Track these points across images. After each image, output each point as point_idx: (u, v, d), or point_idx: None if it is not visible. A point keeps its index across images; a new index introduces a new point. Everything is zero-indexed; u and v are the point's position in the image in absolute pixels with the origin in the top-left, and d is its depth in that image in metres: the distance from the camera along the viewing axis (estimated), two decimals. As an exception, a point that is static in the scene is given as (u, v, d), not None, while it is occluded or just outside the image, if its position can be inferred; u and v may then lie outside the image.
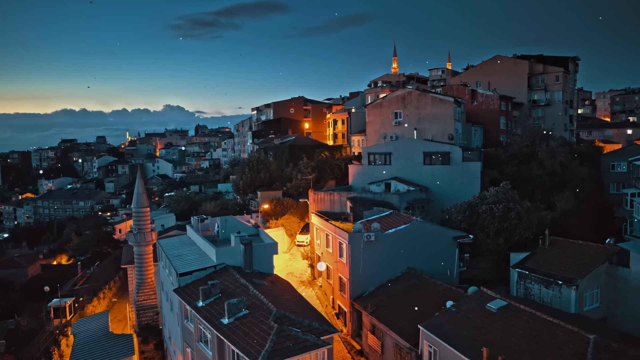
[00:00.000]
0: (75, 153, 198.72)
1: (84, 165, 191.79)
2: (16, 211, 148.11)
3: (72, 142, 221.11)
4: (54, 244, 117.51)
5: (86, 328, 42.01)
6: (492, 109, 64.04)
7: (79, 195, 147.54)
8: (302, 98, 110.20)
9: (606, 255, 29.03)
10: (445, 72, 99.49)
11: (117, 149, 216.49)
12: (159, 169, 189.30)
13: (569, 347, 20.01)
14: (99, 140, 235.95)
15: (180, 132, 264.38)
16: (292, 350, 20.94)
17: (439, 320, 25.27)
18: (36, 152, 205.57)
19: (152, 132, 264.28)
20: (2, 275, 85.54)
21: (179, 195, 77.04)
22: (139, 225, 44.51)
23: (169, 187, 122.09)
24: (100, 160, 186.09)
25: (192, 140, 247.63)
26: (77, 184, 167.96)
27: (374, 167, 49.91)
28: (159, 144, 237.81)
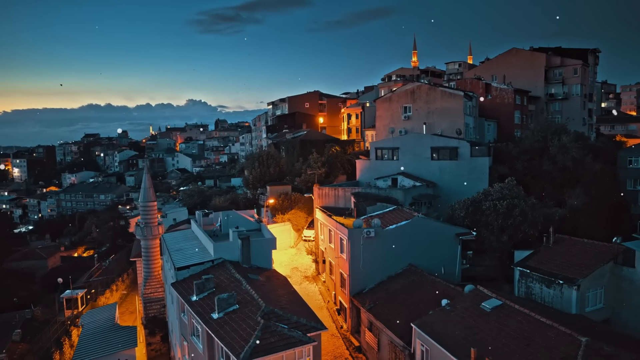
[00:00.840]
0: (98, 147, 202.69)
1: (105, 159, 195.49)
2: (40, 204, 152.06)
3: (95, 137, 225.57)
4: (75, 237, 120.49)
5: (94, 319, 42.81)
6: (506, 102, 62.56)
7: (100, 188, 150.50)
8: (317, 92, 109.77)
9: (611, 255, 28.03)
10: (462, 66, 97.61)
11: (138, 144, 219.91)
12: (178, 163, 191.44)
13: (559, 350, 19.37)
14: (120, 134, 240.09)
15: (201, 126, 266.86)
16: (276, 346, 20.85)
17: (431, 319, 24.82)
18: (60, 147, 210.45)
19: (173, 127, 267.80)
20: (23, 266, 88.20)
21: (191, 189, 77.77)
22: (145, 219, 45.00)
23: (186, 181, 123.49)
24: (121, 155, 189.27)
25: (212, 134, 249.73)
26: (99, 177, 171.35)
27: (381, 162, 49.33)
28: (179, 138, 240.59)
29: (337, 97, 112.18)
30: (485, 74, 73.48)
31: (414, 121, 53.87)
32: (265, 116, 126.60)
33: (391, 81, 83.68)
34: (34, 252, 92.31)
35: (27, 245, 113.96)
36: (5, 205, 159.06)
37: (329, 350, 33.21)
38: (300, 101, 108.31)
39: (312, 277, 44.21)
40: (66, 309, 51.37)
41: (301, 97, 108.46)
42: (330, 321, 37.09)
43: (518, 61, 71.15)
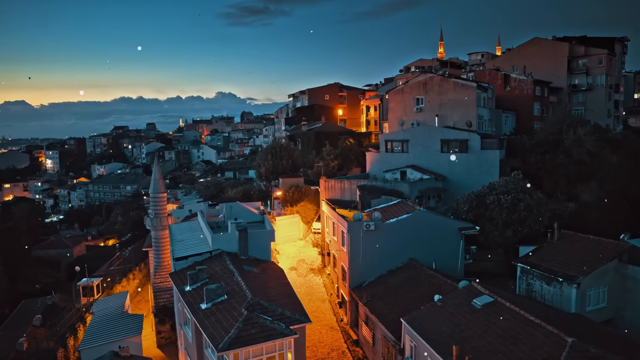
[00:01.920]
0: (126, 139, 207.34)
1: (133, 151, 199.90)
2: (70, 194, 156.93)
3: (124, 129, 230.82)
4: (102, 226, 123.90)
5: (105, 307, 43.92)
6: (525, 94, 60.75)
7: (127, 179, 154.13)
8: (337, 84, 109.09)
9: (616, 252, 26.87)
10: (485, 57, 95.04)
11: (165, 136, 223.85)
12: (203, 155, 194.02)
13: (543, 350, 18.70)
14: (148, 127, 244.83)
15: (226, 119, 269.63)
16: (256, 337, 20.86)
17: (421, 315, 24.37)
18: (90, 139, 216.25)
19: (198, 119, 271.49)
20: (50, 254, 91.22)
21: (208, 181, 78.70)
22: (155, 210, 45.69)
23: (208, 172, 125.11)
24: (148, 147, 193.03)
25: (237, 127, 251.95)
26: (126, 169, 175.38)
27: (391, 154, 48.69)
28: (205, 130, 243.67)
29: (357, 89, 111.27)
30: (506, 64, 71.48)
31: (426, 113, 52.86)
32: (286, 108, 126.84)
33: (409, 72, 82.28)
34: (60, 241, 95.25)
35: (58, 234, 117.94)
36: (38, 195, 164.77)
37: (326, 342, 33.17)
38: (320, 93, 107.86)
39: (318, 270, 44.14)
40: (82, 296, 52.91)
41: (321, 89, 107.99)
42: (331, 314, 37.03)
43: (540, 51, 68.87)
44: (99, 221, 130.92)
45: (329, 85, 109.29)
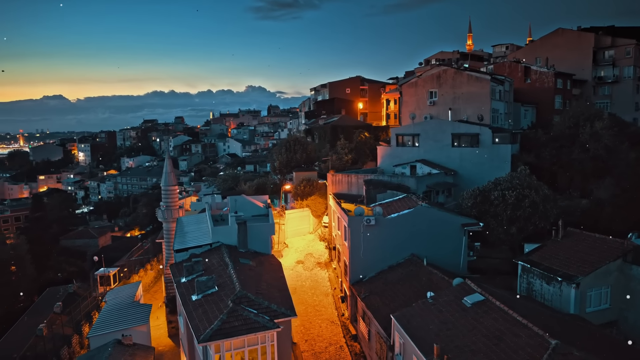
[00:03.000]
0: (154, 133, 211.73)
1: (161, 144, 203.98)
2: (100, 186, 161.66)
3: (153, 123, 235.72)
4: (129, 218, 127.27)
5: (116, 296, 45.14)
6: (546, 87, 58.82)
7: (153, 172, 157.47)
8: (358, 78, 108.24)
9: (621, 252, 25.79)
10: (509, 49, 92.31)
11: (192, 129, 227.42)
12: (229, 148, 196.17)
13: (525, 351, 18.13)
14: (177, 120, 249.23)
15: (253, 112, 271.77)
16: (238, 330, 21.02)
17: (411, 312, 24.04)
18: (120, 132, 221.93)
19: (226, 113, 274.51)
20: (77, 244, 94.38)
21: (227, 174, 79.56)
22: (166, 203, 46.54)
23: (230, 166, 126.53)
24: (175, 140, 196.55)
25: (263, 120, 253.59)
26: (154, 162, 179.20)
27: (401, 148, 48.08)
28: (232, 124, 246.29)
29: (378, 82, 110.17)
30: (529, 56, 69.34)
31: (439, 107, 51.85)
32: (308, 102, 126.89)
33: (429, 65, 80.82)
34: (86, 231, 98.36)
35: (87, 224, 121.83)
36: (70, 187, 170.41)
37: (325, 337, 33.16)
38: (341, 87, 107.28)
39: (325, 264, 44.08)
40: (99, 285, 54.56)
41: (342, 83, 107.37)
42: (333, 308, 36.96)
43: (564, 42, 66.45)
44: (126, 212, 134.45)
45: (350, 78, 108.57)
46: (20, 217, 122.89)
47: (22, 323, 48.90)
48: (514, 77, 60.81)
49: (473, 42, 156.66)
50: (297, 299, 38.22)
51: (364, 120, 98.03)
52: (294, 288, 39.86)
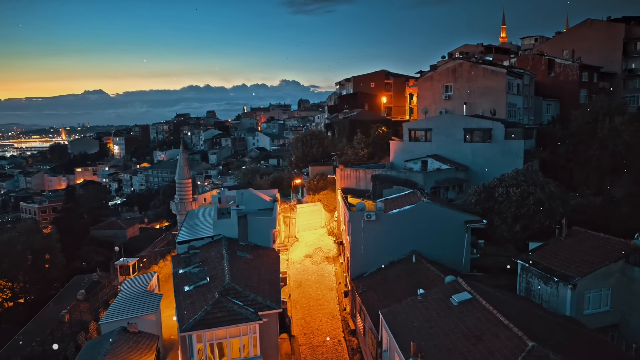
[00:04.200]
0: (186, 126, 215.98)
1: (192, 138, 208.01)
2: (132, 179, 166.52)
3: (185, 117, 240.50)
4: (159, 210, 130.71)
5: (131, 285, 46.57)
6: (570, 80, 56.67)
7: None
8: (383, 72, 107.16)
9: (623, 253, 24.74)
10: (538, 41, 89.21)
11: (223, 123, 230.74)
12: (258, 142, 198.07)
13: (501, 353, 17.71)
14: (208, 114, 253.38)
15: (283, 106, 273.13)
16: (220, 321, 21.41)
17: (398, 309, 23.84)
18: (154, 126, 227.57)
19: (258, 107, 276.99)
20: (106, 235, 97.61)
21: (247, 168, 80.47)
22: (180, 196, 47.70)
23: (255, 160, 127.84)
24: (206, 134, 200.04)
25: (293, 114, 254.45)
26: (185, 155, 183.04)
27: (414, 143, 47.44)
28: (262, 118, 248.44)
29: (403, 76, 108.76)
30: (556, 48, 66.88)
31: (454, 101, 50.82)
32: (334, 96, 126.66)
33: (452, 59, 79.10)
34: (115, 222, 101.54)
35: (119, 215, 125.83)
36: (105, 179, 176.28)
37: (324, 331, 33.31)
38: (365, 81, 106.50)
39: (333, 258, 44.12)
40: (119, 274, 56.43)
41: (366, 77, 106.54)
42: (335, 303, 37.04)
43: (593, 34, 63.75)
44: (156, 204, 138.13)
45: (375, 72, 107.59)
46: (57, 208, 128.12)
47: (47, 309, 51.02)
48: (537, 70, 58.89)
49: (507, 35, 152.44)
50: (302, 292, 38.54)
51: (388, 114, 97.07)
52: (299, 281, 40.20)
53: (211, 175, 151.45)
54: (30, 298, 62.71)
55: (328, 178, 50.75)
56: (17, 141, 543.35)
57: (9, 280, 61.89)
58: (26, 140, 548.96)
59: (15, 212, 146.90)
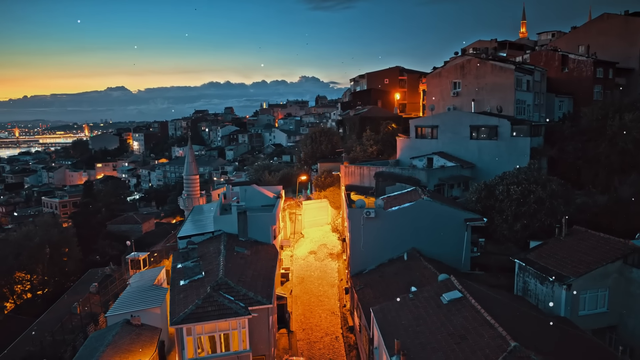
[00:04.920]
0: (204, 123, 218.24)
1: (210, 134, 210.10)
2: (150, 174, 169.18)
3: (203, 113, 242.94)
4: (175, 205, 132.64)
5: (139, 279, 47.48)
6: (584, 76, 55.46)
7: (200, 161, 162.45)
8: (397, 68, 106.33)
9: (621, 253, 24.25)
10: (555, 36, 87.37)
11: (240, 120, 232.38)
12: (274, 139, 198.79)
13: (483, 352, 17.62)
14: (226, 110, 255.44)
15: (300, 103, 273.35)
16: (210, 315, 21.76)
17: (389, 306, 23.85)
18: (172, 122, 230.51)
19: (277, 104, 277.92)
20: (122, 229, 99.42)
21: (259, 164, 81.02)
22: (188, 191, 48.31)
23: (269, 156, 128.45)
24: (223, 130, 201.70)
25: (310, 110, 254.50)
26: (202, 151, 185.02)
27: (420, 140, 47.12)
28: (280, 114, 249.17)
29: (418, 72, 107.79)
30: (572, 44, 65.49)
31: (462, 98, 50.24)
32: (348, 93, 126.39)
33: (465, 55, 77.98)
34: (131, 217, 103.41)
35: (137, 210, 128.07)
36: (124, 174, 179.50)
37: (323, 327, 33.47)
38: (379, 77, 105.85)
39: (337, 255, 44.22)
40: (130, 268, 57.59)
41: (380, 73, 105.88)
42: (336, 299, 37.15)
43: (610, 28, 62.18)
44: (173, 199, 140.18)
45: (389, 68, 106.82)
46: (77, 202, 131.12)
47: (62, 301, 52.38)
48: (550, 66, 57.78)
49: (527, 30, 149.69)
50: (303, 288, 38.75)
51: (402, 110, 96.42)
52: (302, 277, 40.41)
53: (227, 171, 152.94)
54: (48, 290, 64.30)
55: (334, 175, 50.77)
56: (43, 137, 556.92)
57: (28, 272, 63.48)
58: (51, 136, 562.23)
59: (38, 206, 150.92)
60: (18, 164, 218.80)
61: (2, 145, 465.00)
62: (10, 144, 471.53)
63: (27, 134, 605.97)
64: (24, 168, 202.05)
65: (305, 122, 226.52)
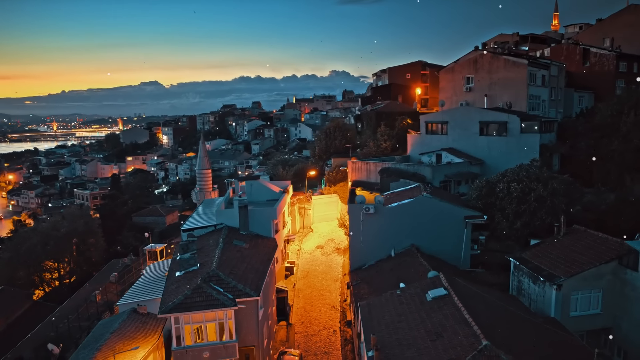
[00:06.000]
0: (231, 117, 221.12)
1: (237, 128, 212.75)
2: (177, 168, 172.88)
3: (231, 107, 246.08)
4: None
5: (152, 270, 49.00)
6: (605, 70, 53.65)
7: (225, 155, 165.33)
8: (420, 62, 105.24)
9: (616, 254, 23.67)
10: (583, 28, 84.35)
11: (267, 114, 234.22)
12: (300, 133, 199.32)
13: (455, 350, 17.65)
14: (253, 105, 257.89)
15: (327, 97, 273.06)
16: (197, 305, 22.47)
17: (376, 302, 24.05)
18: (200, 116, 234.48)
19: (301, 98, 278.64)
20: (147, 221, 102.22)
21: (277, 159, 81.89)
22: (200, 185, 49.39)
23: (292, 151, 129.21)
24: (250, 124, 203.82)
25: (337, 105, 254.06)
26: (229, 145, 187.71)
27: (430, 136, 46.74)
28: (307, 108, 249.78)
29: (441, 67, 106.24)
30: (596, 37, 63.41)
31: (475, 93, 49.44)
32: (370, 88, 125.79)
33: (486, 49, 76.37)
34: (156, 209, 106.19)
35: (163, 203, 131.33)
36: (153, 168, 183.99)
37: (321, 321, 33.89)
38: (401, 72, 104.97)
39: (343, 250, 44.45)
40: (148, 259, 59.43)
41: (402, 68, 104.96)
42: (337, 294, 37.48)
43: (636, 20, 59.87)
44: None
45: (411, 63, 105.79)
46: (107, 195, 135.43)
47: (84, 289, 54.54)
48: (571, 60, 56.14)
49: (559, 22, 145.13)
50: (307, 282, 39.24)
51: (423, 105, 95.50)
52: (306, 271, 40.91)
53: (251, 165, 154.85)
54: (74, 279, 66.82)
55: (341, 170, 50.93)
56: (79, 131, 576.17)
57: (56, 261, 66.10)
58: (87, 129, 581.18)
59: (70, 198, 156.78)
60: (54, 157, 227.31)
61: (41, 138, 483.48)
62: (49, 138, 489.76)
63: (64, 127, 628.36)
64: (59, 161, 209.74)
65: (330, 116, 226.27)
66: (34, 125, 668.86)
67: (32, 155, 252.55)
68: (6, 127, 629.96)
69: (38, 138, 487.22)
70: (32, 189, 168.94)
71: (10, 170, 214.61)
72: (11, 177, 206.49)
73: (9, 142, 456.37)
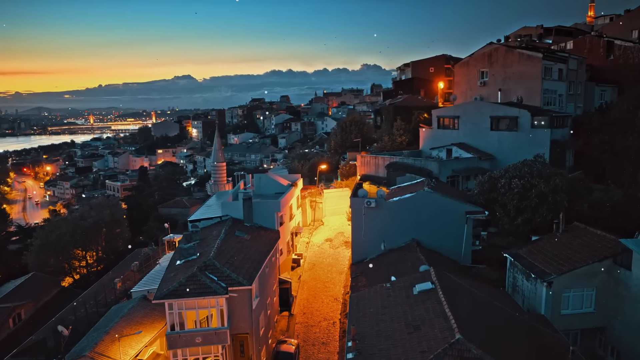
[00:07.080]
0: (259, 111, 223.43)
1: (264, 122, 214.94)
2: (205, 160, 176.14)
3: (259, 101, 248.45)
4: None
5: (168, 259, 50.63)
6: (630, 63, 51.82)
7: (252, 149, 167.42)
8: (444, 56, 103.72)
9: (610, 252, 23.27)
10: (614, 20, 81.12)
11: (295, 108, 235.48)
12: (326, 127, 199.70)
13: (429, 343, 17.92)
14: (282, 99, 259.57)
15: (355, 91, 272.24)
16: (191, 292, 23.35)
17: (365, 294, 24.45)
18: (229, 110, 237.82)
19: (330, 92, 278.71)
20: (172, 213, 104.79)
21: (296, 154, 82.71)
22: (215, 178, 50.60)
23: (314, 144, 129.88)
24: (277, 118, 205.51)
25: (364, 99, 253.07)
26: (256, 139, 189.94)
27: (442, 131, 46.43)
28: (334, 102, 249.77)
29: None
30: (625, 29, 61.11)
31: (489, 87, 48.68)
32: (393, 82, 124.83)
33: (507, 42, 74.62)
34: (181, 201, 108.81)
35: (191, 195, 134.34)
36: (182, 160, 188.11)
37: (323, 312, 34.44)
38: (424, 66, 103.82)
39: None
40: (167, 249, 61.32)
41: (425, 62, 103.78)
42: (341, 286, 37.91)
43: (667, 11, 57.49)
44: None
45: (435, 57, 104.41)
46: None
47: (107, 277, 56.83)
48: (594, 53, 54.50)
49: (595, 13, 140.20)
50: (312, 274, 39.85)
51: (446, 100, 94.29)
52: (313, 264, 41.52)
53: (277, 159, 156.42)
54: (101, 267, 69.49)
55: (351, 164, 51.15)
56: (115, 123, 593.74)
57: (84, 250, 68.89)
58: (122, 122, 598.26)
59: (103, 189, 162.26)
60: (88, 149, 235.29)
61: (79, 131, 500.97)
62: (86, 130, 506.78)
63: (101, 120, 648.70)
64: (93, 153, 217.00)
65: (357, 110, 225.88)
66: (72, 118, 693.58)
67: (69, 148, 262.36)
68: (47, 120, 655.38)
69: (76, 131, 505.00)
70: (67, 180, 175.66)
71: (48, 162, 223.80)
72: (49, 168, 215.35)
73: (49, 134, 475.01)
